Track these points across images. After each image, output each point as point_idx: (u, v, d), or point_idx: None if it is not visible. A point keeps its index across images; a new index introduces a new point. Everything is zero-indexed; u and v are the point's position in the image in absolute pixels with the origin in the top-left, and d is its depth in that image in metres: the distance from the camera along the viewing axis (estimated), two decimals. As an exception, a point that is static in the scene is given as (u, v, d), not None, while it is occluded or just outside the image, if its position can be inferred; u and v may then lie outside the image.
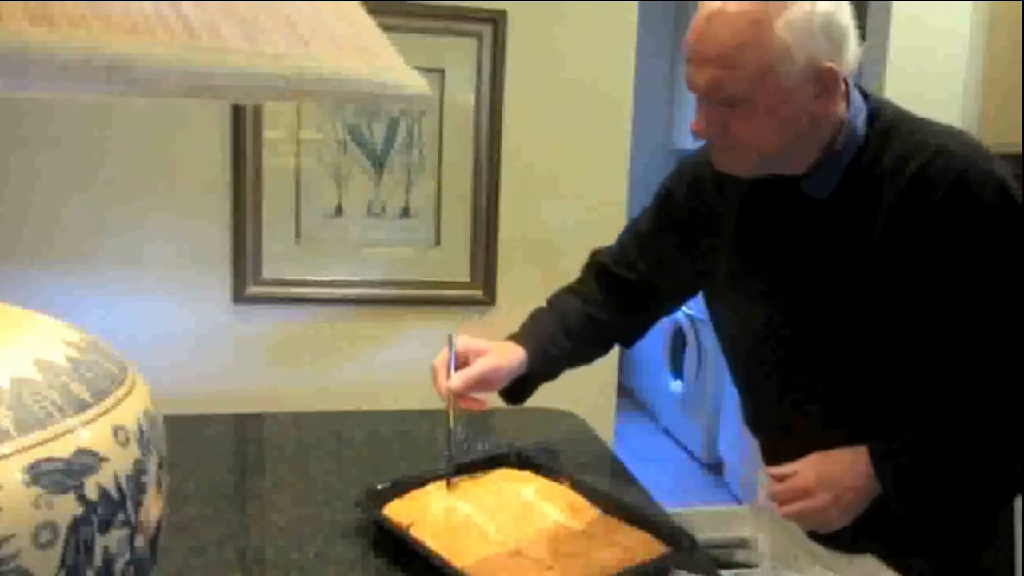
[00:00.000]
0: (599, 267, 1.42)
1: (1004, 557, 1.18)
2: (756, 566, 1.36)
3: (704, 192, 1.27)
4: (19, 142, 1.95)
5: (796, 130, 1.06)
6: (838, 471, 1.10)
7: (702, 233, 1.27)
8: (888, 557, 1.14)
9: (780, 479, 1.14)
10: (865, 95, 1.12)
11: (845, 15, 1.04)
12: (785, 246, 1.15)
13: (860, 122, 1.09)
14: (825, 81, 1.03)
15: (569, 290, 1.43)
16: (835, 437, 1.14)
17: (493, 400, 1.34)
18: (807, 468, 1.12)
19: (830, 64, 1.02)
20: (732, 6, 1.00)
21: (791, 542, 1.27)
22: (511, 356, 1.30)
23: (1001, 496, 1.16)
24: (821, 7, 1.01)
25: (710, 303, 1.32)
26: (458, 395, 1.24)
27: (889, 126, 1.09)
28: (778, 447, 1.25)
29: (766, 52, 1.00)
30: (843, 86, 1.07)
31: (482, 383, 1.26)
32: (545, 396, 1.94)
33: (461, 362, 1.27)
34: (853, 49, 1.05)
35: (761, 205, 1.18)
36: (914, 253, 1.04)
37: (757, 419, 1.31)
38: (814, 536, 1.21)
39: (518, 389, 1.35)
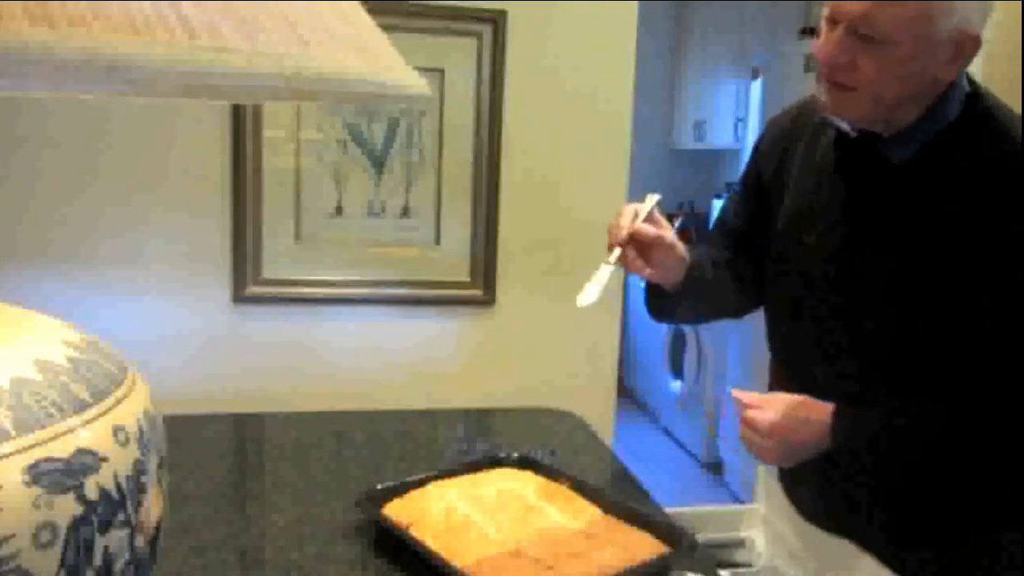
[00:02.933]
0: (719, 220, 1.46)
1: (1016, 556, 1.16)
2: (754, 566, 1.36)
3: (777, 148, 1.28)
4: (18, 142, 1.95)
5: (918, 86, 1.04)
6: (793, 425, 1.14)
7: (774, 187, 1.27)
8: (896, 549, 1.13)
9: (747, 410, 1.17)
10: (970, 80, 1.11)
11: None
12: (851, 208, 1.14)
13: (957, 99, 1.08)
14: (964, 48, 1.02)
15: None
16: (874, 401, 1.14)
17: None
18: (770, 409, 1.15)
19: (977, 33, 1.01)
20: None
21: (789, 542, 1.27)
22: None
23: (995, 493, 1.15)
24: None
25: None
26: (633, 240, 1.22)
27: (985, 113, 1.08)
28: None
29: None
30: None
31: (654, 244, 1.24)
32: (545, 396, 1.94)
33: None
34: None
35: (828, 166, 1.18)
36: (955, 232, 1.03)
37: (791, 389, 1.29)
38: (817, 523, 1.21)
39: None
